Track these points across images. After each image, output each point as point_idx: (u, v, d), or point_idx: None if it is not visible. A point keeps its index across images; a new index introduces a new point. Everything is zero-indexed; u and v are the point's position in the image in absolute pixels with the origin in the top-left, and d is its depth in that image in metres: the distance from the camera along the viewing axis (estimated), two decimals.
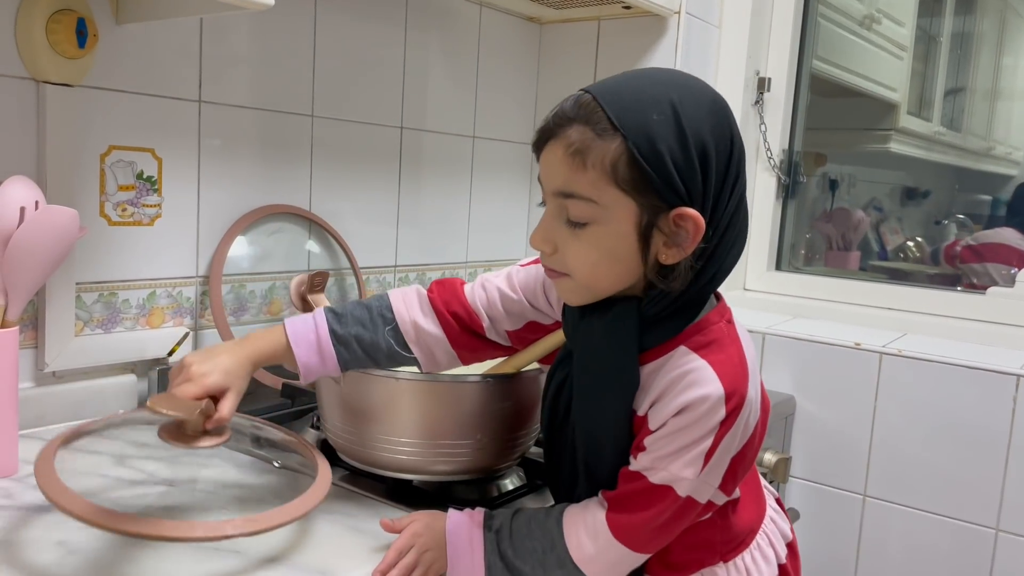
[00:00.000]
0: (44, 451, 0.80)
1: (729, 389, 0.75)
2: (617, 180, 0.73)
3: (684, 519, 0.81)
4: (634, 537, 0.80)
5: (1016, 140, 2.19)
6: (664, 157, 0.72)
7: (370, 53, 1.53)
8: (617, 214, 0.75)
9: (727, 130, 0.76)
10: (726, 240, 0.77)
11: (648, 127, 0.72)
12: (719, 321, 0.80)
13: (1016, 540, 1.36)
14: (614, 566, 0.82)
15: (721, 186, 0.75)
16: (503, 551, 0.82)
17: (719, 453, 0.77)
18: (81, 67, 1.10)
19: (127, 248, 1.22)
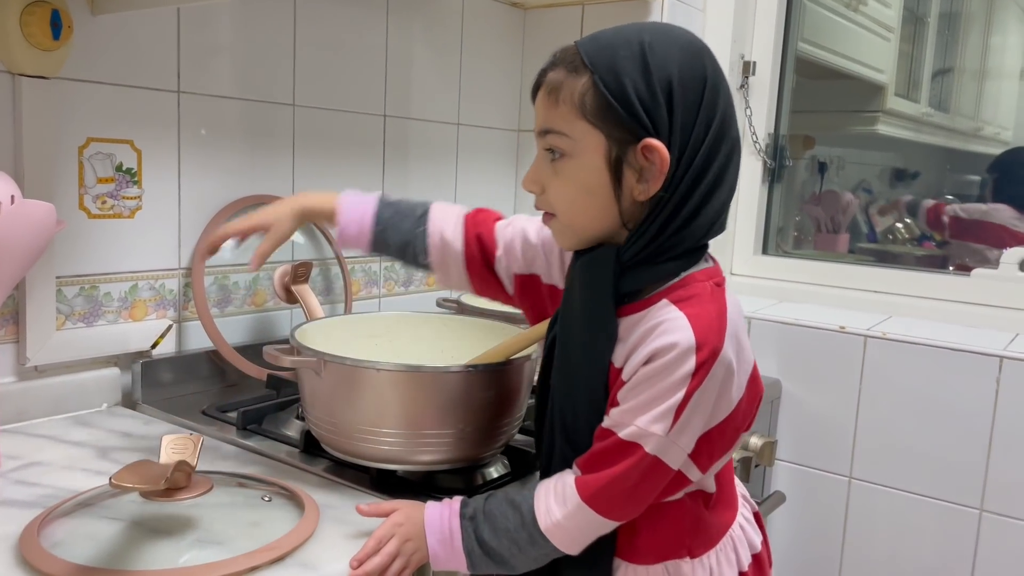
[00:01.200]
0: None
1: (700, 340, 0.74)
2: (585, 113, 0.76)
3: (652, 483, 0.79)
4: (601, 499, 0.79)
5: (1004, 120, 2.19)
6: (627, 89, 0.74)
7: (352, 41, 1.52)
8: (588, 146, 0.77)
9: (699, 69, 0.76)
10: (703, 182, 0.77)
11: (615, 62, 0.75)
12: (705, 280, 0.80)
13: (999, 520, 1.37)
14: (580, 532, 0.81)
15: (693, 122, 0.75)
16: (480, 536, 0.82)
17: (690, 410, 0.75)
18: (57, 59, 1.09)
19: (108, 241, 1.21)
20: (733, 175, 0.80)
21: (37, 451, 1.05)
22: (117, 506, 0.86)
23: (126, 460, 1.01)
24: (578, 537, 0.81)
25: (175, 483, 0.81)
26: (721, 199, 0.79)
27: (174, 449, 0.84)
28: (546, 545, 0.81)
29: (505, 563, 0.83)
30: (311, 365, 0.97)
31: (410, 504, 0.87)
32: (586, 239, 0.82)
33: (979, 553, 1.39)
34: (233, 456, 1.08)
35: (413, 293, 1.72)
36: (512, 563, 0.83)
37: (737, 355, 0.78)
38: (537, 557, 0.83)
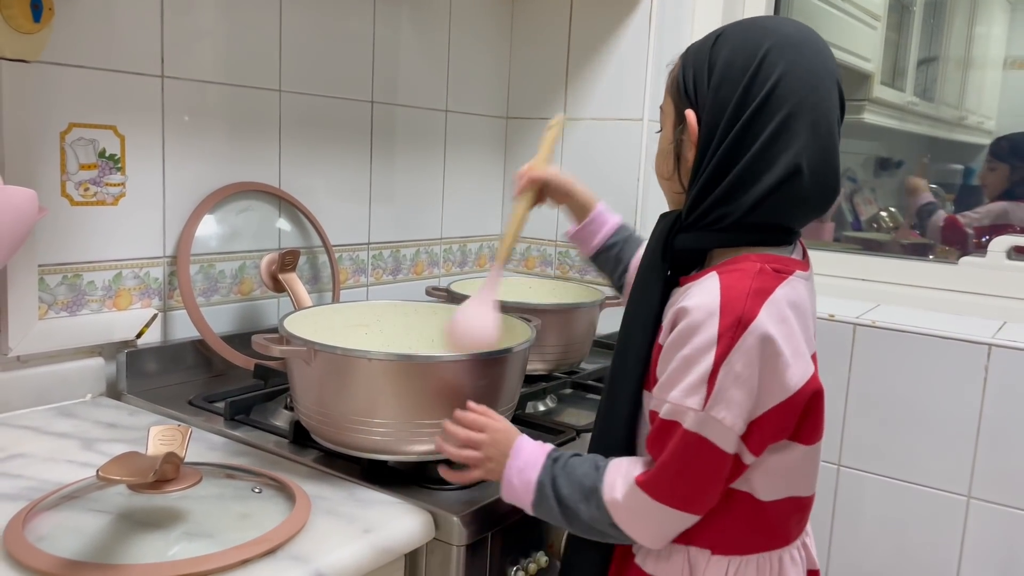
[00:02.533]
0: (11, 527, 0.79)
1: (724, 304, 0.75)
2: (669, 89, 0.88)
3: (704, 466, 0.77)
4: (654, 483, 0.78)
5: (988, 109, 2.19)
6: (688, 68, 0.85)
7: (339, 26, 1.50)
8: (668, 118, 0.89)
9: (752, 52, 0.80)
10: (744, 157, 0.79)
11: (693, 49, 0.86)
12: (757, 262, 0.79)
13: (987, 507, 1.37)
14: (642, 518, 0.80)
15: (726, 96, 0.80)
16: (555, 476, 0.84)
17: (724, 378, 0.74)
18: (37, 42, 1.07)
19: (91, 228, 1.19)
20: (792, 157, 0.78)
21: (20, 442, 1.03)
22: (104, 498, 0.84)
23: (111, 451, 1.00)
24: (640, 522, 0.81)
25: (163, 475, 0.80)
26: (769, 181, 0.79)
27: (162, 440, 0.82)
28: (607, 517, 0.81)
29: (566, 513, 0.83)
30: (301, 354, 0.96)
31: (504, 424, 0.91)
32: (671, 201, 0.92)
33: (966, 540, 1.40)
34: (221, 447, 1.07)
35: (401, 281, 1.71)
36: (570, 518, 0.84)
37: (786, 338, 0.76)
38: (593, 524, 0.83)
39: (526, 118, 1.87)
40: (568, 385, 1.42)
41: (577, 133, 1.80)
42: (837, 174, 0.82)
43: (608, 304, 1.47)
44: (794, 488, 0.85)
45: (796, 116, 0.78)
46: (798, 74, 0.79)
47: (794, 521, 0.87)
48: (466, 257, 1.87)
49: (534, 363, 1.38)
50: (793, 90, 0.78)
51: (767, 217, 0.81)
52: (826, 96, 0.80)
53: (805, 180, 0.79)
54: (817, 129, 0.79)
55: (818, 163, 0.80)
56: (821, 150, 0.80)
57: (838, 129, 0.82)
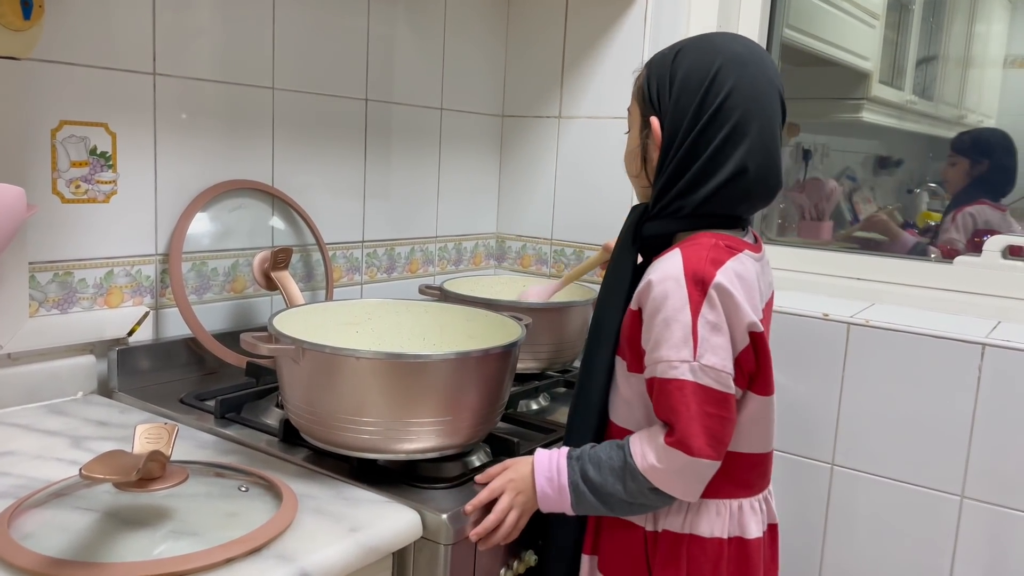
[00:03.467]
0: None
1: (688, 269, 0.88)
2: (636, 96, 1.00)
3: (711, 406, 0.87)
4: (682, 441, 0.87)
5: (987, 108, 2.19)
6: (653, 78, 0.97)
7: (333, 22, 1.49)
8: (634, 122, 1.01)
9: (707, 66, 0.93)
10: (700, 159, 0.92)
11: (659, 60, 0.98)
12: (711, 238, 0.92)
13: (980, 507, 1.37)
14: (677, 473, 0.89)
15: (684, 107, 0.93)
16: (584, 470, 0.93)
17: (703, 329, 0.87)
18: (28, 40, 1.06)
19: (82, 226, 1.19)
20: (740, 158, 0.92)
21: (10, 440, 1.03)
22: (91, 497, 0.84)
23: (101, 449, 0.99)
24: (676, 478, 0.89)
25: (149, 473, 0.80)
26: (720, 178, 0.92)
27: (148, 438, 0.82)
28: (643, 484, 0.90)
29: (605, 501, 0.92)
30: (289, 353, 0.96)
31: (516, 460, 0.99)
32: (639, 193, 1.04)
33: (960, 539, 1.40)
34: (211, 445, 1.06)
35: (395, 279, 1.71)
36: (611, 503, 0.92)
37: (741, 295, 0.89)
38: (634, 497, 0.91)
39: (521, 116, 1.87)
40: (561, 384, 1.42)
41: (572, 131, 1.79)
42: (779, 172, 0.96)
43: None
44: (752, 443, 0.97)
45: (742, 124, 0.92)
46: (744, 88, 0.92)
47: (756, 475, 0.99)
48: (461, 255, 1.87)
49: (527, 362, 1.38)
50: (740, 102, 0.92)
51: (719, 207, 0.94)
52: (768, 106, 0.94)
53: (750, 177, 0.93)
54: (761, 135, 0.93)
55: (761, 163, 0.93)
56: (764, 153, 0.93)
57: (780, 134, 0.97)
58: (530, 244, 1.89)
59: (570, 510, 0.94)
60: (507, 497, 0.95)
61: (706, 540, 0.94)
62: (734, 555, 0.96)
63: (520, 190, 1.89)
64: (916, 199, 2.17)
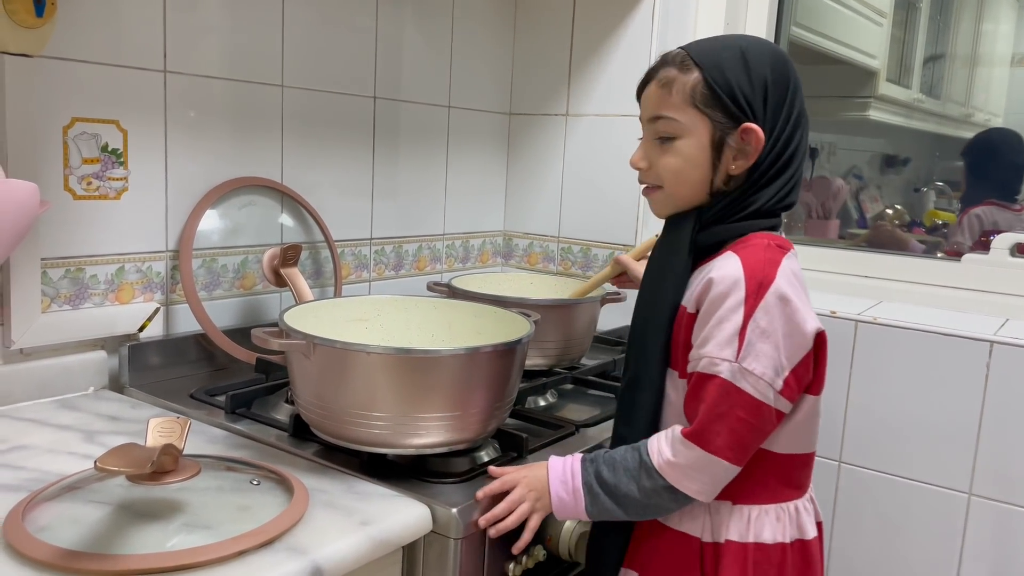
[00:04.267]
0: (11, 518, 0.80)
1: (748, 272, 0.88)
2: (695, 102, 0.93)
3: (741, 410, 0.86)
4: (701, 435, 0.87)
5: (995, 106, 2.18)
6: (732, 83, 0.92)
7: (342, 21, 1.50)
8: (696, 130, 0.94)
9: (785, 71, 0.94)
10: (792, 161, 0.94)
11: (720, 62, 0.93)
12: (764, 239, 0.93)
13: (988, 504, 1.37)
14: (693, 470, 0.88)
15: (778, 112, 0.93)
16: (599, 471, 0.93)
17: (752, 333, 0.86)
18: (40, 37, 1.07)
19: (93, 222, 1.19)
20: (801, 161, 0.96)
21: (23, 434, 1.04)
22: (103, 490, 0.85)
23: (113, 444, 1.00)
24: (692, 475, 0.88)
25: (162, 466, 0.80)
26: (789, 175, 0.95)
27: (161, 432, 0.83)
28: (658, 482, 0.89)
29: (620, 502, 0.91)
30: (300, 348, 0.96)
31: (533, 464, 0.98)
32: (682, 206, 0.98)
33: (967, 537, 1.40)
34: (222, 440, 1.07)
35: (403, 277, 1.71)
36: (626, 504, 0.91)
37: (798, 298, 0.89)
38: (649, 498, 0.90)
39: (529, 114, 1.87)
40: (568, 380, 1.42)
41: (579, 129, 1.80)
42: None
43: (609, 300, 1.47)
44: (803, 443, 0.96)
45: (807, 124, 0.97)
46: (801, 85, 0.96)
47: (805, 474, 0.98)
48: (468, 253, 1.88)
49: (535, 358, 1.38)
50: (803, 101, 0.96)
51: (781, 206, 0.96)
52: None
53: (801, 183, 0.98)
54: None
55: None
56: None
57: None
58: (537, 242, 1.89)
59: (584, 514, 0.94)
60: (520, 490, 0.95)
61: (771, 547, 0.93)
62: (797, 559, 0.95)
63: (527, 188, 1.90)
64: (923, 198, 2.17)
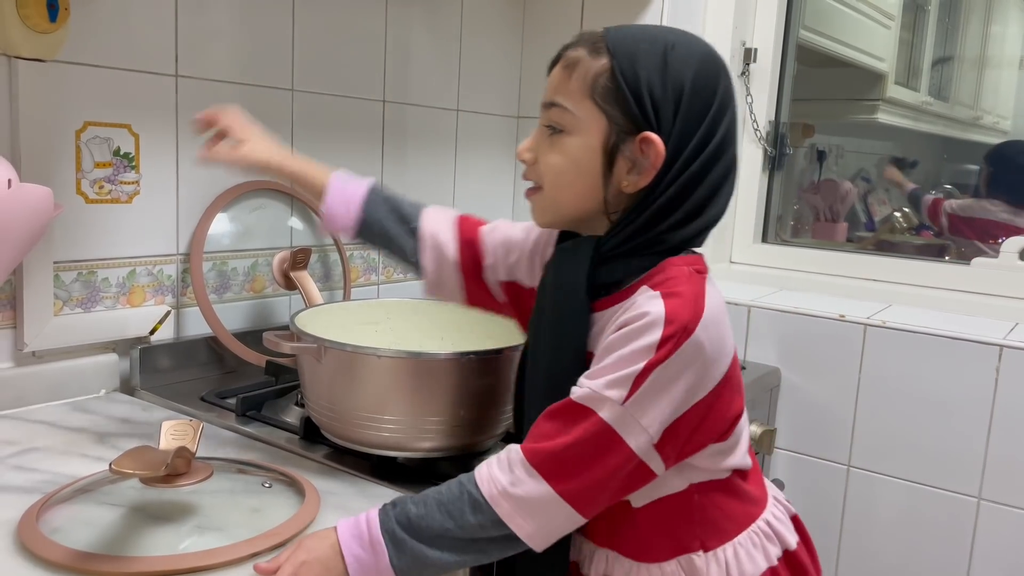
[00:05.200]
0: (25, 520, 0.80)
1: (670, 315, 0.73)
2: (594, 93, 0.78)
3: (612, 459, 0.73)
4: (551, 465, 0.73)
5: (1003, 109, 2.18)
6: (641, 81, 0.76)
7: (351, 25, 1.51)
8: (589, 127, 0.78)
9: (714, 82, 0.78)
10: (699, 191, 0.78)
11: (636, 54, 0.77)
12: (683, 266, 0.79)
13: (998, 508, 1.37)
14: (532, 507, 0.74)
15: (695, 130, 0.77)
16: (404, 512, 0.75)
17: (650, 385, 0.72)
18: (54, 42, 1.08)
19: (105, 226, 1.20)
20: (726, 195, 0.81)
21: (35, 437, 1.05)
22: (116, 492, 0.85)
23: (124, 446, 1.01)
24: (529, 512, 0.74)
25: (175, 469, 0.81)
26: (715, 209, 0.80)
27: (174, 435, 0.83)
28: (487, 516, 0.74)
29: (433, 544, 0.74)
30: (311, 351, 0.97)
31: (311, 535, 0.77)
32: (565, 218, 0.83)
33: (977, 541, 1.39)
34: (232, 442, 1.08)
35: (412, 280, 1.72)
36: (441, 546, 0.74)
37: (713, 344, 0.75)
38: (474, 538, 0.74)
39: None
40: None
41: None
42: None
43: None
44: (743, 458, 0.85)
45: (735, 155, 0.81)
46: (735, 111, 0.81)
47: (757, 483, 0.88)
48: None
49: None
50: (735, 129, 0.81)
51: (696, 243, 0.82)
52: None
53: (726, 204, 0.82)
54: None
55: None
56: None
57: None
58: None
59: (389, 570, 0.73)
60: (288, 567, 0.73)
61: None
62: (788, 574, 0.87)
63: None
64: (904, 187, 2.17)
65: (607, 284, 0.80)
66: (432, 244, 0.97)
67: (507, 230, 0.98)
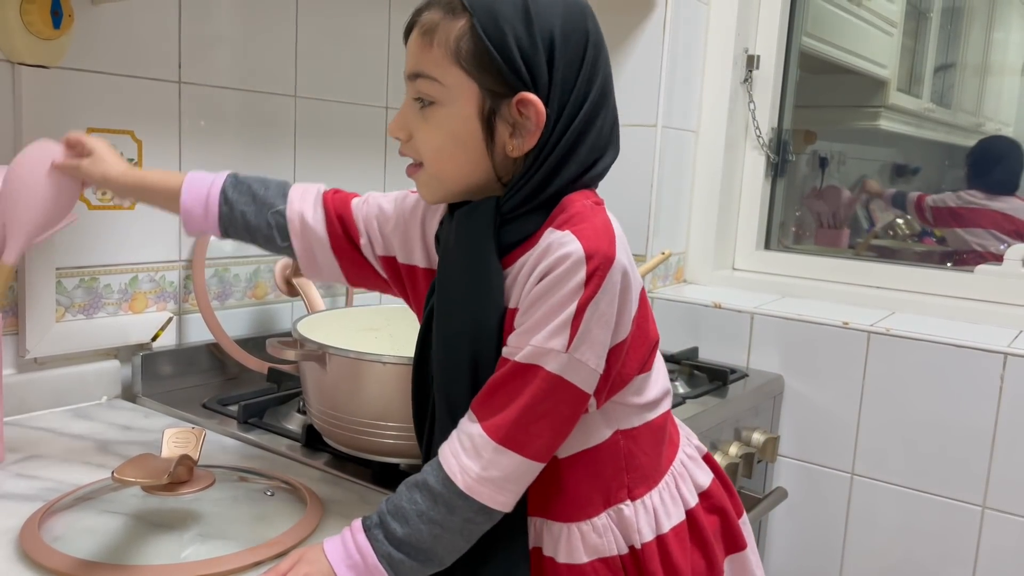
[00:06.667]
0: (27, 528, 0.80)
1: (589, 250, 0.71)
2: (460, 58, 0.73)
3: (566, 409, 0.73)
4: (517, 436, 0.72)
5: (1006, 116, 2.18)
6: (507, 37, 0.72)
7: (354, 32, 1.51)
8: (460, 95, 0.74)
9: (581, 24, 0.75)
10: (588, 139, 0.76)
11: (495, 8, 0.72)
12: (582, 200, 0.77)
13: (1002, 517, 1.36)
14: (508, 481, 0.73)
15: (574, 79, 0.74)
16: (393, 536, 0.73)
17: (586, 322, 0.71)
18: (57, 48, 1.08)
19: (108, 232, 1.20)
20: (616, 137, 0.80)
21: (37, 444, 1.04)
22: (118, 500, 0.85)
23: (126, 453, 1.01)
24: (506, 487, 0.73)
25: (177, 477, 0.80)
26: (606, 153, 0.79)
27: (176, 443, 0.83)
28: (469, 508, 0.73)
29: (431, 555, 0.74)
30: (315, 358, 0.96)
31: (309, 548, 0.76)
32: (454, 192, 0.79)
33: (981, 550, 1.39)
34: (234, 450, 1.07)
35: None
36: (438, 551, 0.74)
37: (631, 266, 0.75)
38: (463, 530, 0.74)
39: None
40: None
41: None
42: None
43: None
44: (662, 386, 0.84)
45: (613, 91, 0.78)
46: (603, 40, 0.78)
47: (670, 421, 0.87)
48: None
49: None
50: (608, 66, 0.78)
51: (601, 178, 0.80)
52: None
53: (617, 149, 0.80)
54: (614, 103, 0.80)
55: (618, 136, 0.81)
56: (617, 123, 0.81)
57: None
58: None
59: None
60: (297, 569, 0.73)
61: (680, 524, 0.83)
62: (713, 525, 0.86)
63: None
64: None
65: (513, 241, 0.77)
66: (299, 225, 0.90)
67: (379, 200, 0.91)
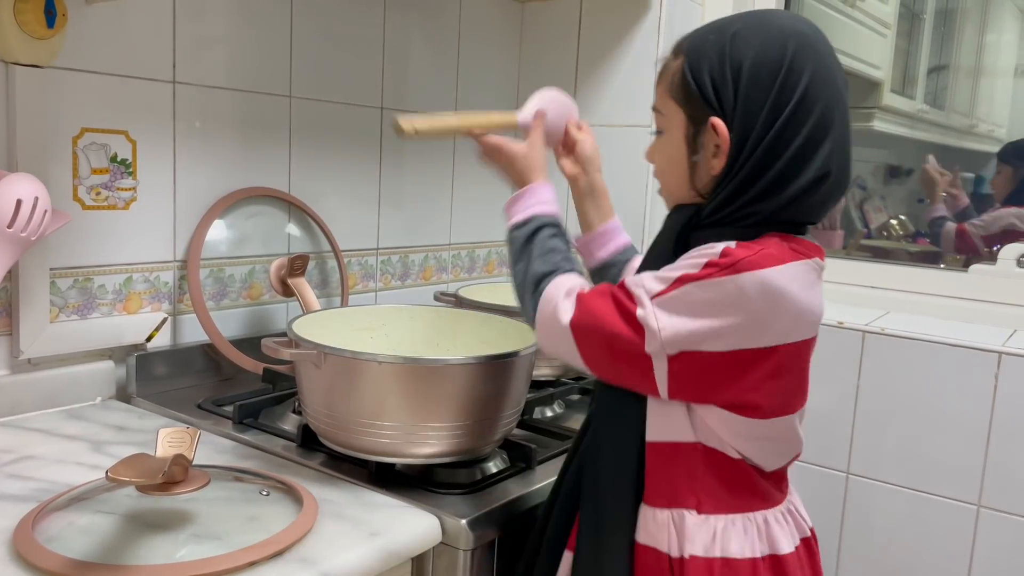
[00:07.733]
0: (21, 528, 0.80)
1: (728, 251, 0.77)
2: (672, 92, 0.85)
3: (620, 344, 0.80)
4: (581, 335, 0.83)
5: (999, 117, 2.19)
6: (703, 71, 0.81)
7: (349, 32, 1.51)
8: (674, 123, 0.85)
9: (778, 53, 0.79)
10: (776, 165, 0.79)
11: (702, 47, 0.82)
12: (780, 241, 0.81)
13: (997, 516, 1.37)
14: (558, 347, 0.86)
15: (762, 104, 0.78)
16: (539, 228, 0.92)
17: (681, 292, 0.77)
18: (51, 48, 1.08)
19: (102, 232, 1.20)
20: (823, 159, 0.80)
21: (31, 444, 1.04)
22: (112, 500, 0.85)
23: (120, 454, 1.00)
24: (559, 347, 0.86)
25: (172, 477, 0.80)
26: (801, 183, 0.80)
27: (171, 443, 0.83)
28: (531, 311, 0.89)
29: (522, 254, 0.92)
30: (310, 358, 0.96)
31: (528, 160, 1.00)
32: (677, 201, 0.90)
33: (976, 549, 1.39)
34: (229, 450, 1.07)
35: (409, 287, 1.71)
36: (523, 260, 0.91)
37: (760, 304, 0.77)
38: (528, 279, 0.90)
39: None
40: (575, 391, 1.42)
41: None
42: (850, 171, 0.84)
43: None
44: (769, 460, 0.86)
45: (825, 119, 0.79)
46: (822, 75, 0.80)
47: (772, 484, 0.88)
48: (474, 263, 1.88)
49: (542, 368, 1.38)
50: (820, 93, 0.79)
51: (796, 215, 0.82)
52: (843, 95, 0.82)
53: (832, 180, 0.81)
54: (841, 130, 0.81)
55: (842, 163, 0.82)
56: (843, 151, 0.81)
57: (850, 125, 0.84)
58: None
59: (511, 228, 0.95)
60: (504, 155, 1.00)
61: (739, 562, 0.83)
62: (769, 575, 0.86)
63: None
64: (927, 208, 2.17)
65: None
66: None
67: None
